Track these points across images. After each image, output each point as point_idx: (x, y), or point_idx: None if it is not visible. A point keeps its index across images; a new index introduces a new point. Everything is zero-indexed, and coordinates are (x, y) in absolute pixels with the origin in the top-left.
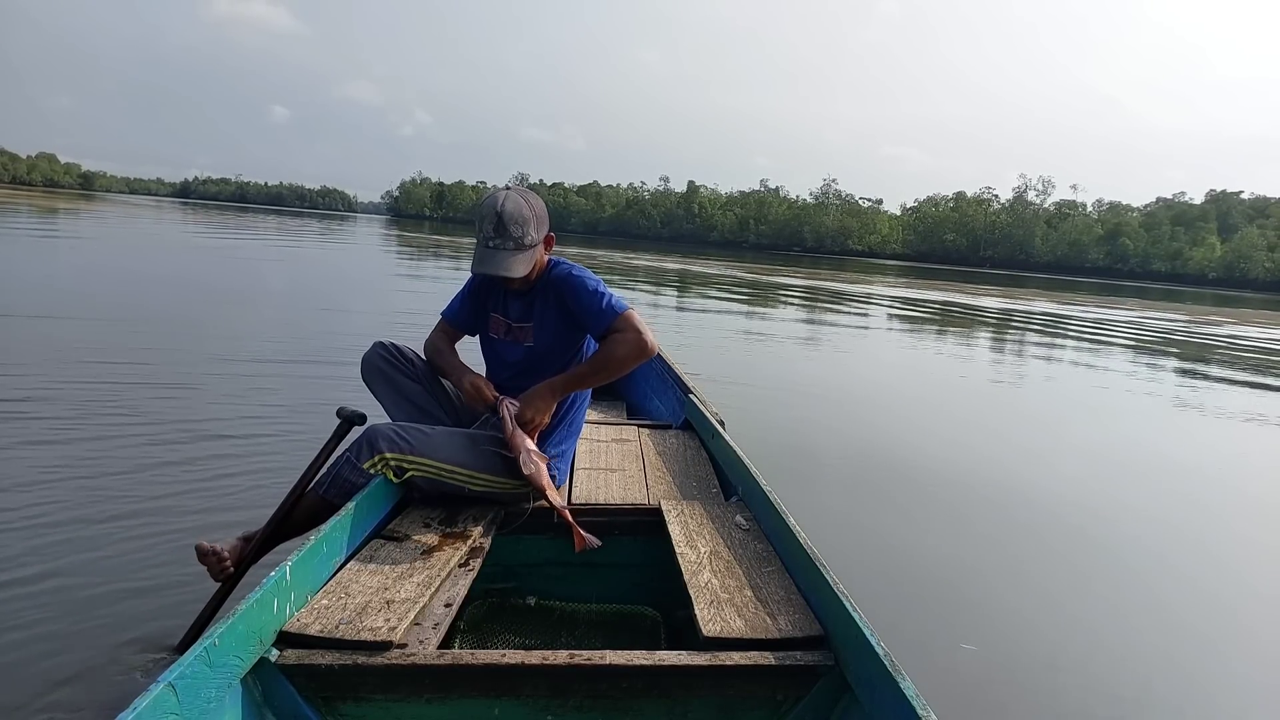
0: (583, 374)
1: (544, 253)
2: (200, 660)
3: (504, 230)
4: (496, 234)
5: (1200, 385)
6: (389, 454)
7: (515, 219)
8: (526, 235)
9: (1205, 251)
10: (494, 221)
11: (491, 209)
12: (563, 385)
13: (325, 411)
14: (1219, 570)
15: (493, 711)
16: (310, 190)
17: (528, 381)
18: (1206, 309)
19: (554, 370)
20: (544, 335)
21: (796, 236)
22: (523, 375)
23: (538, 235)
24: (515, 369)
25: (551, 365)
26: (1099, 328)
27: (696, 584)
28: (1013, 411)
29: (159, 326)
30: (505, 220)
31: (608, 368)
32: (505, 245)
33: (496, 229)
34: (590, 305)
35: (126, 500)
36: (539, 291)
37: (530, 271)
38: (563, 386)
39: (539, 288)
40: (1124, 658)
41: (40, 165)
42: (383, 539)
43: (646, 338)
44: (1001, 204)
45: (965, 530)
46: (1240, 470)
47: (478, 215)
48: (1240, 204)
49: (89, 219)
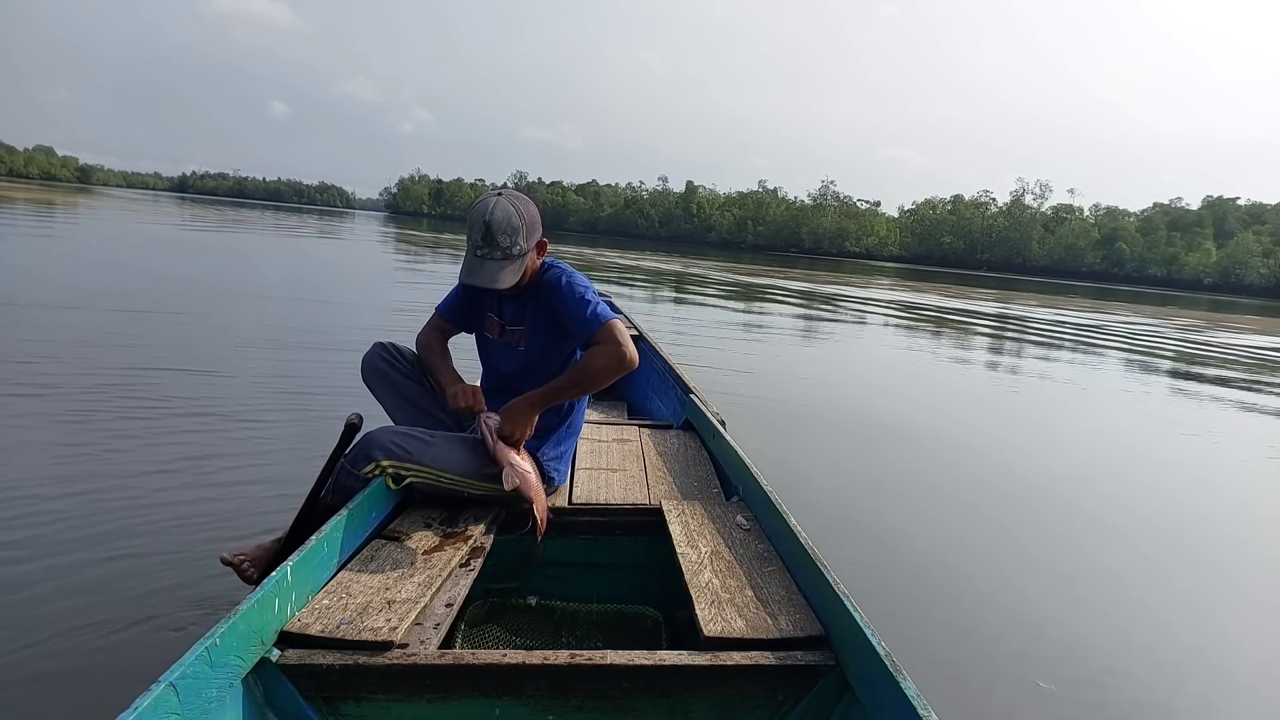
0: (560, 387)
1: (536, 258)
2: (201, 660)
3: (492, 240)
4: (485, 243)
5: (1196, 388)
6: (385, 461)
7: (504, 228)
8: (515, 245)
9: (1201, 257)
10: (482, 230)
11: (480, 217)
12: (541, 399)
13: (324, 408)
14: (1222, 570)
15: (494, 711)
16: (308, 186)
17: (523, 385)
18: (1198, 314)
19: (548, 376)
20: (535, 340)
21: (794, 237)
22: (517, 379)
23: (528, 243)
24: (509, 373)
25: (545, 370)
26: (1096, 332)
27: (697, 584)
28: (1013, 414)
29: (162, 318)
30: (494, 230)
31: (584, 380)
32: (493, 255)
33: (485, 238)
34: (575, 313)
35: (127, 500)
36: (531, 296)
37: (522, 278)
38: (541, 400)
39: (531, 292)
40: (1126, 657)
41: (37, 159)
42: (383, 539)
43: (626, 351)
44: (999, 207)
45: (966, 530)
46: (1239, 471)
47: (468, 222)
48: (1236, 209)
49: (83, 215)
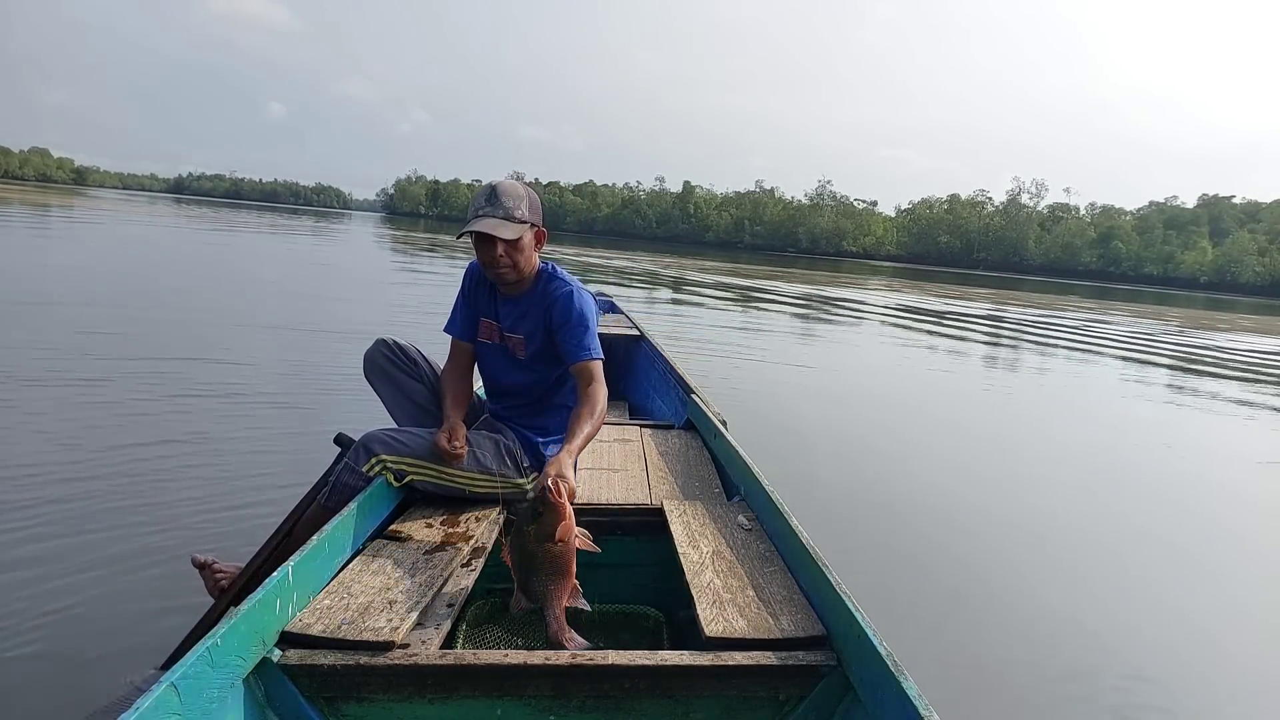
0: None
1: (536, 246)
2: (203, 660)
3: (496, 200)
4: (488, 203)
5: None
6: (386, 456)
7: (509, 193)
8: (519, 209)
9: (1197, 255)
10: (487, 194)
11: (488, 186)
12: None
13: (337, 407)
14: (1221, 570)
15: (495, 711)
16: (305, 187)
17: (523, 394)
18: (1197, 313)
19: (547, 387)
20: (535, 349)
21: (791, 237)
22: (516, 387)
23: (530, 215)
24: (509, 382)
25: (544, 381)
26: (1092, 336)
27: (699, 584)
28: (1014, 415)
29: (163, 323)
30: (499, 193)
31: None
32: (495, 213)
33: (489, 199)
34: (574, 335)
35: (126, 500)
36: (530, 300)
37: (519, 258)
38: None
39: (531, 295)
40: (1126, 657)
41: (33, 160)
42: (385, 539)
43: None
44: (995, 206)
45: (967, 530)
46: (1234, 472)
47: (472, 200)
48: (1232, 208)
49: (73, 218)
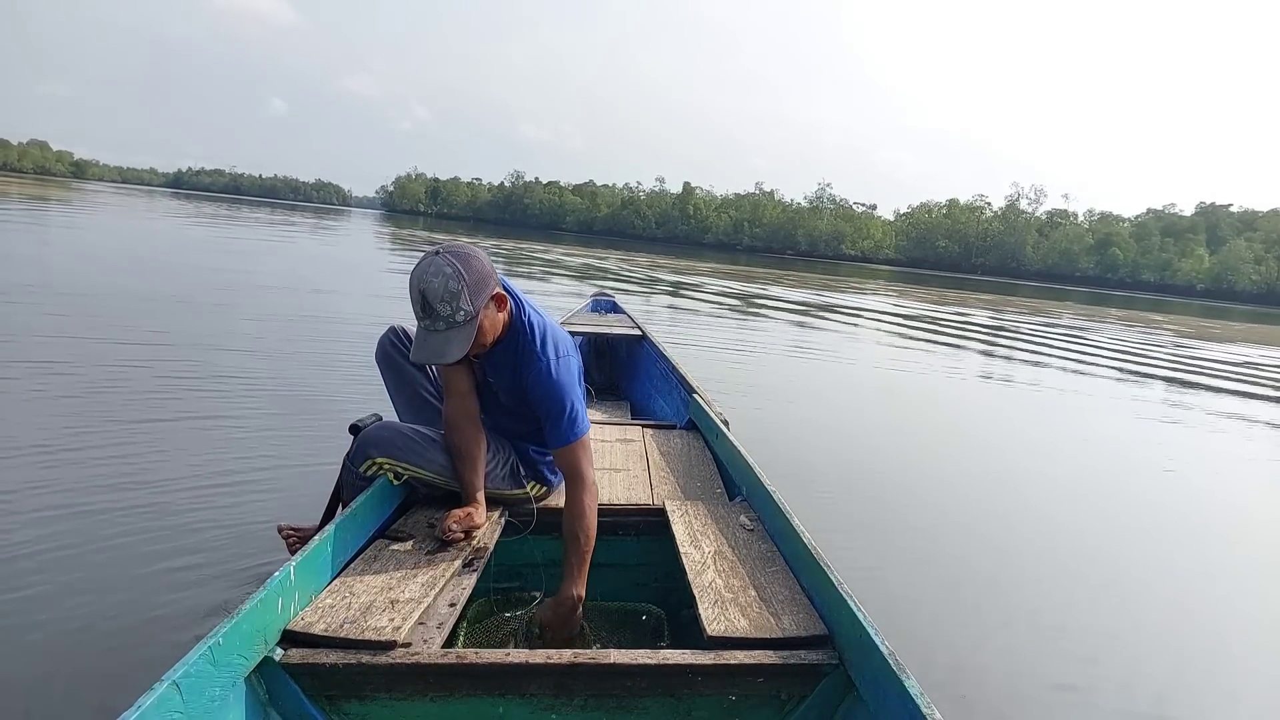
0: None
1: (498, 314)
2: (204, 659)
3: (431, 310)
4: (425, 314)
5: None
6: (381, 459)
7: (441, 295)
8: (459, 311)
9: (1194, 263)
10: (420, 301)
11: (416, 292)
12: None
13: (335, 410)
14: (1221, 569)
15: (497, 710)
16: (304, 183)
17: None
18: (1193, 320)
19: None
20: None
21: (790, 240)
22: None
23: (474, 305)
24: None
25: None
26: (1086, 341)
27: (701, 583)
28: (1015, 415)
29: (170, 317)
30: (430, 298)
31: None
32: (436, 326)
33: (424, 309)
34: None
35: (129, 499)
36: (504, 354)
37: (484, 340)
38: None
39: (504, 350)
40: (1128, 656)
41: (31, 153)
42: (387, 539)
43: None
44: (994, 212)
45: (969, 530)
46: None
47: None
48: (1229, 216)
49: (69, 212)
